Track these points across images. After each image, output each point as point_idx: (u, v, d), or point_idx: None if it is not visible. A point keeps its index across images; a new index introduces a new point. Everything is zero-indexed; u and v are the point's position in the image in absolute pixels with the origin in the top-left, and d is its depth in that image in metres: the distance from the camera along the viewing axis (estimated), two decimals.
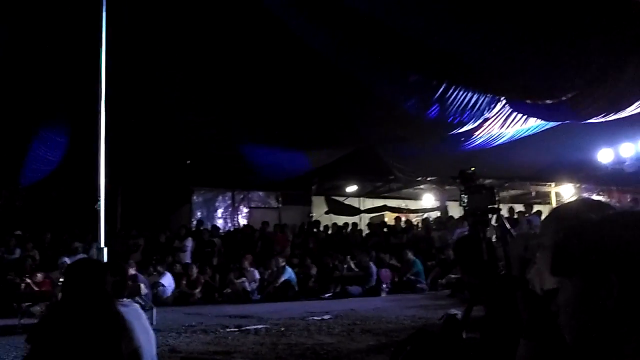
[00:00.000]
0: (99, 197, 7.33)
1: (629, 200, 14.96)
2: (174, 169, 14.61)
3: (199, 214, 17.21)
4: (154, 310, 8.87)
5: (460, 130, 11.84)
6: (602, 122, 10.84)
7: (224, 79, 11.67)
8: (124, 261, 11.66)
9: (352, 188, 18.54)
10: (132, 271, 10.99)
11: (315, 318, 8.87)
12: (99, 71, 7.62)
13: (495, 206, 2.56)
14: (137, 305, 3.11)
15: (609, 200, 17.45)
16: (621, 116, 10.54)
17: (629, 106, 10.06)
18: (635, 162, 13.34)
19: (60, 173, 13.09)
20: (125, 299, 2.98)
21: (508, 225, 2.51)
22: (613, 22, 8.44)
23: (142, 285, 10.29)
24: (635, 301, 1.00)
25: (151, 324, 8.18)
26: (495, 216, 2.56)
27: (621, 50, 9.20)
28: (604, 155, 14.11)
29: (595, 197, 18.13)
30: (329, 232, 16.52)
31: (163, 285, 12.11)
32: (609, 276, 1.01)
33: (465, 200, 2.62)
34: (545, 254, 1.72)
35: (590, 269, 1.05)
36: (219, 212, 17.68)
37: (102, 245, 7.25)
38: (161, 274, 12.40)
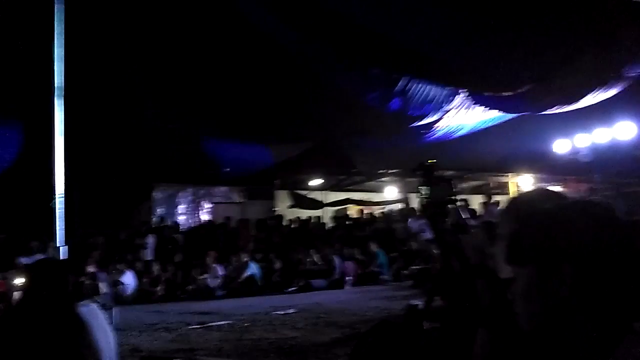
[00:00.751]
0: (56, 194, 7.12)
1: (584, 189, 15.38)
2: (134, 164, 14.32)
3: (160, 210, 16.93)
4: (115, 309, 8.70)
5: (421, 123, 11.98)
6: (558, 113, 11.13)
7: (184, 73, 11.49)
8: (84, 260, 11.42)
9: (315, 182, 18.54)
10: (91, 270, 10.79)
11: (279, 312, 8.85)
12: (52, 64, 7.38)
13: (454, 197, 2.58)
14: (95, 305, 3.03)
15: (565, 189, 17.98)
16: (576, 107, 10.84)
17: (584, 98, 10.36)
18: (590, 152, 13.72)
19: (15, 171, 12.67)
20: (83, 300, 2.90)
21: (466, 216, 2.54)
22: (568, 16, 8.65)
23: (102, 284, 10.10)
24: (588, 289, 1.01)
25: (112, 323, 8.05)
26: (452, 207, 2.58)
27: (576, 43, 9.45)
28: (560, 146, 14.48)
29: (551, 187, 18.66)
30: (293, 226, 16.49)
31: (124, 284, 11.88)
32: (562, 265, 1.02)
33: (424, 192, 2.64)
34: (502, 243, 1.74)
35: (543, 259, 1.06)
36: (181, 208, 17.44)
37: (60, 244, 7.05)
38: (122, 272, 12.16)
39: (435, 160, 2.75)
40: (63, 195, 7.23)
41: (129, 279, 12.08)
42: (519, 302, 1.12)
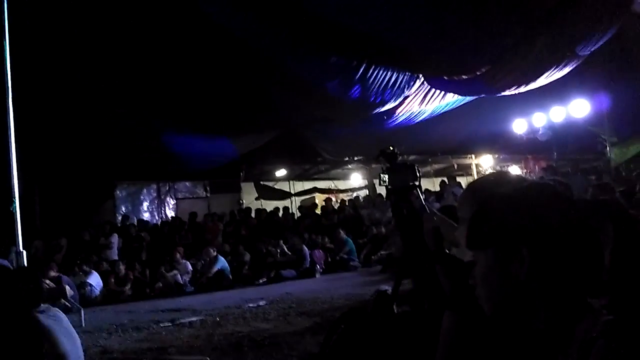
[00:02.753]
0: (14, 197, 6.92)
1: (543, 167, 15.78)
2: (95, 163, 14.01)
3: (123, 208, 16.67)
4: (82, 312, 8.56)
5: (382, 109, 12.06)
6: (515, 94, 11.35)
7: (142, 67, 11.26)
8: (46, 263, 11.16)
9: (281, 172, 18.53)
10: (53, 273, 10.56)
11: (251, 305, 8.84)
12: (3, 61, 7.13)
13: (417, 183, 2.62)
14: (57, 310, 2.96)
15: (524, 168, 18.41)
16: (532, 87, 11.08)
17: (539, 77, 10.58)
18: (547, 130, 14.06)
19: None
20: (43, 305, 2.83)
21: (422, 201, 2.57)
22: None
23: (67, 287, 9.90)
24: (545, 271, 1.04)
25: (80, 325, 7.95)
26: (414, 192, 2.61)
27: (530, 24, 9.63)
28: (519, 126, 14.79)
29: (511, 166, 19.11)
30: (261, 217, 16.44)
31: (90, 285, 11.67)
32: (520, 249, 1.05)
33: (386, 179, 2.66)
34: (463, 227, 1.77)
35: (502, 242, 1.08)
36: (145, 205, 17.19)
37: (21, 248, 6.87)
38: (87, 274, 11.94)
39: (393, 147, 2.77)
40: (22, 198, 7.04)
41: (95, 280, 11.88)
42: (479, 285, 1.14)
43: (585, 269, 1.04)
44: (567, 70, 10.45)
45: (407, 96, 11.90)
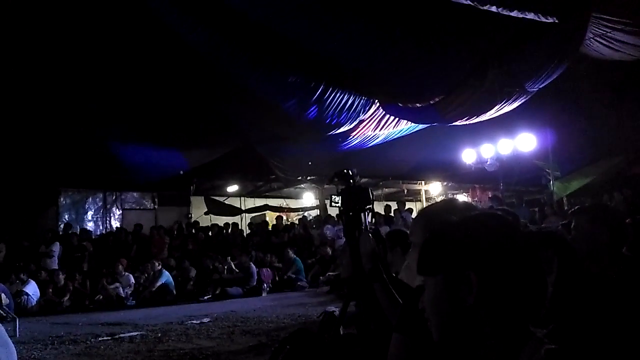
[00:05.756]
0: None
1: (489, 196, 16.22)
2: (38, 167, 13.52)
3: (66, 216, 16.11)
4: (17, 321, 8.22)
5: (337, 131, 12.19)
6: (465, 124, 11.71)
7: (94, 73, 11.02)
8: None
9: (232, 188, 18.37)
10: None
11: (194, 322, 8.68)
12: None
13: (370, 206, 2.67)
14: None
15: (471, 197, 18.91)
16: (482, 119, 11.46)
17: (489, 110, 10.96)
18: (494, 162, 14.49)
19: None
20: None
21: (366, 223, 2.64)
22: (474, 32, 9.14)
23: (2, 295, 9.51)
24: (492, 300, 1.07)
25: (14, 335, 7.61)
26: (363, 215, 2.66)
27: (482, 58, 10.00)
28: (468, 156, 15.19)
29: (459, 195, 19.60)
30: (209, 233, 16.22)
31: (27, 294, 11.22)
32: (468, 274, 1.09)
33: (337, 200, 2.71)
34: (414, 252, 1.82)
35: (451, 268, 1.11)
36: (89, 214, 16.67)
37: None
38: (25, 282, 11.49)
39: (347, 170, 2.82)
40: None
41: (32, 289, 11.42)
42: (428, 311, 1.17)
43: (530, 297, 1.07)
44: (516, 104, 10.88)
45: (363, 120, 12.08)
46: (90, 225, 16.28)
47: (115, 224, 16.72)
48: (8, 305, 9.44)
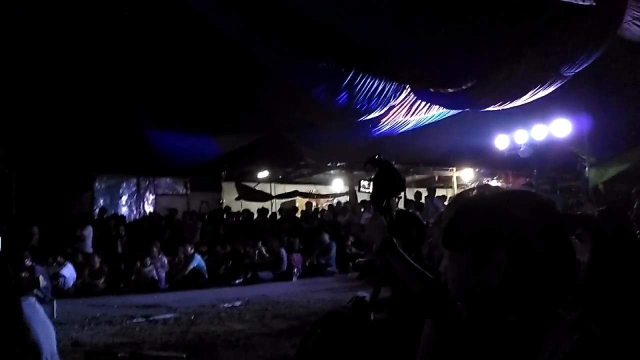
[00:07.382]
0: None
1: (522, 184, 15.95)
2: (74, 153, 13.83)
3: (101, 201, 16.47)
4: (55, 303, 8.46)
5: (367, 118, 12.12)
6: (498, 110, 11.51)
7: (129, 61, 11.17)
8: (21, 252, 10.99)
9: (263, 174, 18.49)
10: (28, 262, 10.41)
11: (226, 305, 8.82)
12: None
13: (401, 194, 2.66)
14: (33, 298, 2.93)
15: (504, 184, 18.63)
16: (516, 105, 11.24)
17: (523, 95, 10.74)
18: (528, 148, 14.24)
19: None
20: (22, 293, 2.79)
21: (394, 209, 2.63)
22: (509, 15, 8.94)
23: (40, 277, 9.77)
24: (520, 279, 1.03)
25: (52, 316, 7.84)
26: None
27: (516, 42, 9.79)
28: (501, 142, 14.96)
29: (492, 181, 19.34)
30: (240, 218, 16.39)
31: (64, 276, 11.53)
32: (498, 252, 1.05)
33: (367, 186, 2.71)
34: (440, 230, 1.81)
35: (480, 243, 1.07)
36: (124, 199, 17.01)
37: None
38: (62, 265, 11.80)
39: (379, 156, 2.81)
40: None
41: (69, 272, 11.73)
42: (452, 286, 1.14)
43: (559, 280, 1.04)
44: (550, 89, 10.63)
45: (393, 106, 11.97)
46: (124, 210, 16.62)
47: (149, 208, 17.03)
48: (46, 287, 9.69)
